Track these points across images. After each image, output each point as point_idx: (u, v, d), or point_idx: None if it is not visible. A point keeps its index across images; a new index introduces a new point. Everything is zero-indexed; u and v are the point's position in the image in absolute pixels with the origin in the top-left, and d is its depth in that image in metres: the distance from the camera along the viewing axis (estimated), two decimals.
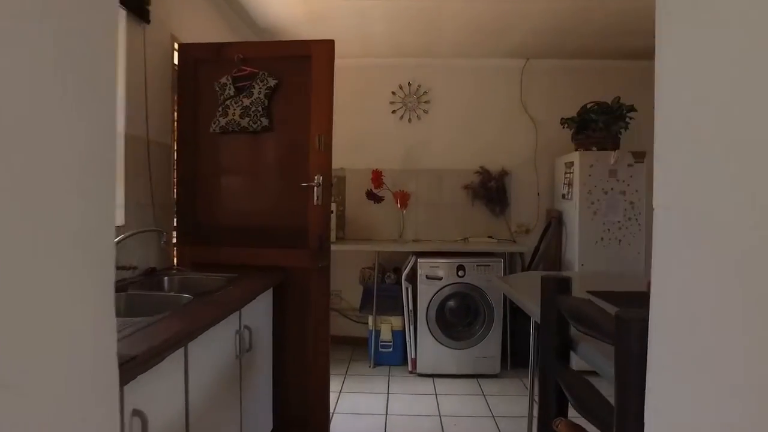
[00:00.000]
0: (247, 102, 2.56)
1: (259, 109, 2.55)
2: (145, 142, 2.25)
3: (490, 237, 4.21)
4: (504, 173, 4.21)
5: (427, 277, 3.65)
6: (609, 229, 3.61)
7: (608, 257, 3.59)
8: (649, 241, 3.61)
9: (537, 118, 4.23)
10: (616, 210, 3.59)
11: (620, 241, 3.61)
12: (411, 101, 4.30)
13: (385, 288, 3.97)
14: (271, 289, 2.47)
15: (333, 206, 3.91)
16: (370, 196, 3.99)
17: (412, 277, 3.72)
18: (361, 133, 4.27)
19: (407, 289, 3.72)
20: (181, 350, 1.41)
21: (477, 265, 3.63)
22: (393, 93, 4.30)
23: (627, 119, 3.65)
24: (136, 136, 2.18)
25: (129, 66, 2.10)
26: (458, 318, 3.71)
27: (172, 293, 1.97)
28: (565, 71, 4.22)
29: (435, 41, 3.86)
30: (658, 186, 0.64)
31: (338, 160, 4.17)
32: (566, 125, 3.87)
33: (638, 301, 1.72)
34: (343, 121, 4.15)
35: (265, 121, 2.55)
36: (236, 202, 2.68)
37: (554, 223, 3.94)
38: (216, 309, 1.72)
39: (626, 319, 0.76)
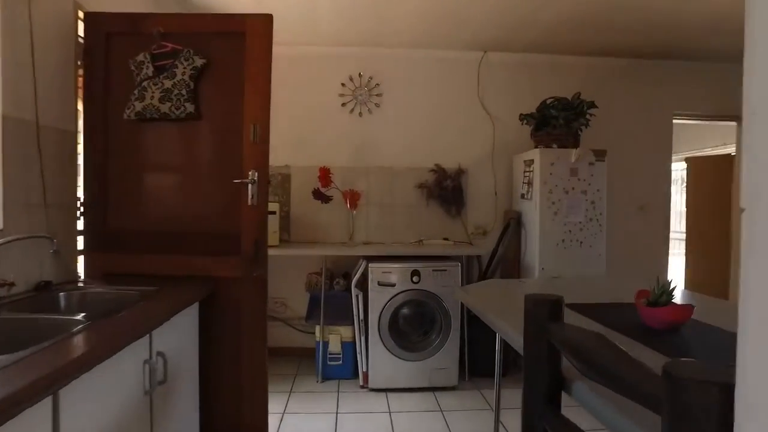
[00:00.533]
0: (168, 84, 2.17)
1: (183, 92, 2.17)
2: (34, 127, 1.83)
3: (445, 239, 3.97)
4: (460, 172, 3.99)
5: (379, 284, 3.35)
6: (570, 231, 3.43)
7: (569, 260, 3.42)
8: (611, 243, 3.50)
9: (495, 113, 4.02)
10: (578, 210, 3.42)
11: (581, 242, 3.44)
12: (362, 94, 4.00)
13: (334, 295, 3.66)
14: (197, 303, 2.11)
15: (276, 206, 3.56)
16: (318, 195, 3.65)
17: (363, 284, 3.42)
18: (308, 128, 3.94)
19: (357, 296, 3.41)
20: (47, 400, 1.04)
21: (433, 270, 3.37)
22: (342, 85, 3.98)
23: (587, 116, 3.50)
24: (19, 119, 1.76)
25: (6, 32, 1.68)
26: (413, 327, 3.44)
27: (61, 316, 1.58)
28: (523, 65, 4.04)
29: (387, 30, 3.58)
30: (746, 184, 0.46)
31: (283, 157, 3.84)
32: (525, 121, 3.69)
33: (625, 315, 1.50)
34: (289, 114, 3.82)
35: (190, 107, 2.18)
36: (158, 201, 2.29)
37: (513, 224, 3.74)
38: (115, 335, 1.35)
39: (688, 380, 0.49)
